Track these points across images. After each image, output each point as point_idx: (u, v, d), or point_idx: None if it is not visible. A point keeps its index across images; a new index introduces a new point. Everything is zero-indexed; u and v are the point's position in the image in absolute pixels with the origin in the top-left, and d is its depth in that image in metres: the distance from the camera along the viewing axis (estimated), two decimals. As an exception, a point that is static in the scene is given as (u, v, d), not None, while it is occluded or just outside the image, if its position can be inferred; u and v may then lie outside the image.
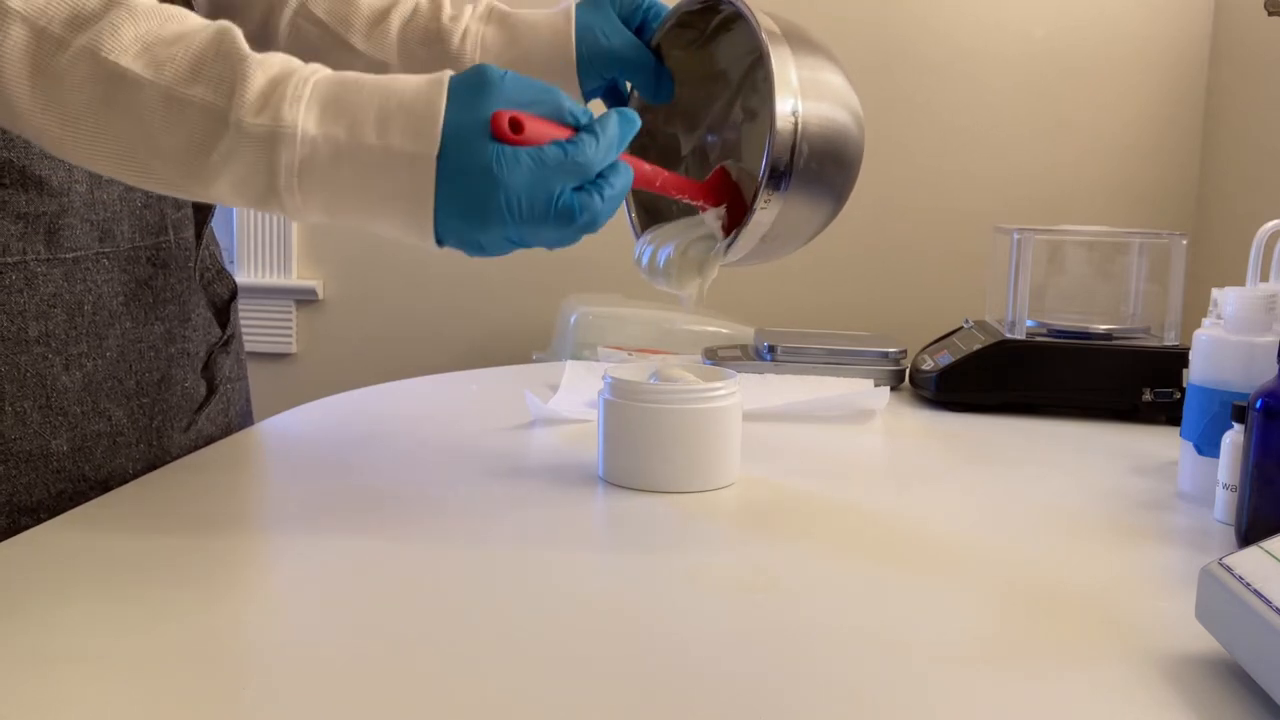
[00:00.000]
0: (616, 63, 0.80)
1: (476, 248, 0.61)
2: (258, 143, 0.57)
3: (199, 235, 0.83)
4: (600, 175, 0.62)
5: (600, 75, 0.81)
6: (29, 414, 0.72)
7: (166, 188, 0.60)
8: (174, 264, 0.82)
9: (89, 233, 0.75)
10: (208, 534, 0.65)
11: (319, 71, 0.59)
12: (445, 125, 0.58)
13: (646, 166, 0.69)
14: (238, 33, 0.59)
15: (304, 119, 0.57)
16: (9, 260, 0.71)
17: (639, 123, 0.64)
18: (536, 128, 0.60)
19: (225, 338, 0.86)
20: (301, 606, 0.56)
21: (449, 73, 0.60)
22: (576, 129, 0.62)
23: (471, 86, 0.59)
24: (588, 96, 0.83)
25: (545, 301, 2.04)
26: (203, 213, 0.83)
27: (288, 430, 0.94)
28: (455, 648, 0.51)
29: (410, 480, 0.78)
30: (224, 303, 0.86)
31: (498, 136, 0.58)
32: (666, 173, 0.71)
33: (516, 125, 0.59)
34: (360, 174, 0.58)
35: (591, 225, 0.61)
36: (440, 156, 0.58)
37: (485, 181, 0.58)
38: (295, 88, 0.58)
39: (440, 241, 0.61)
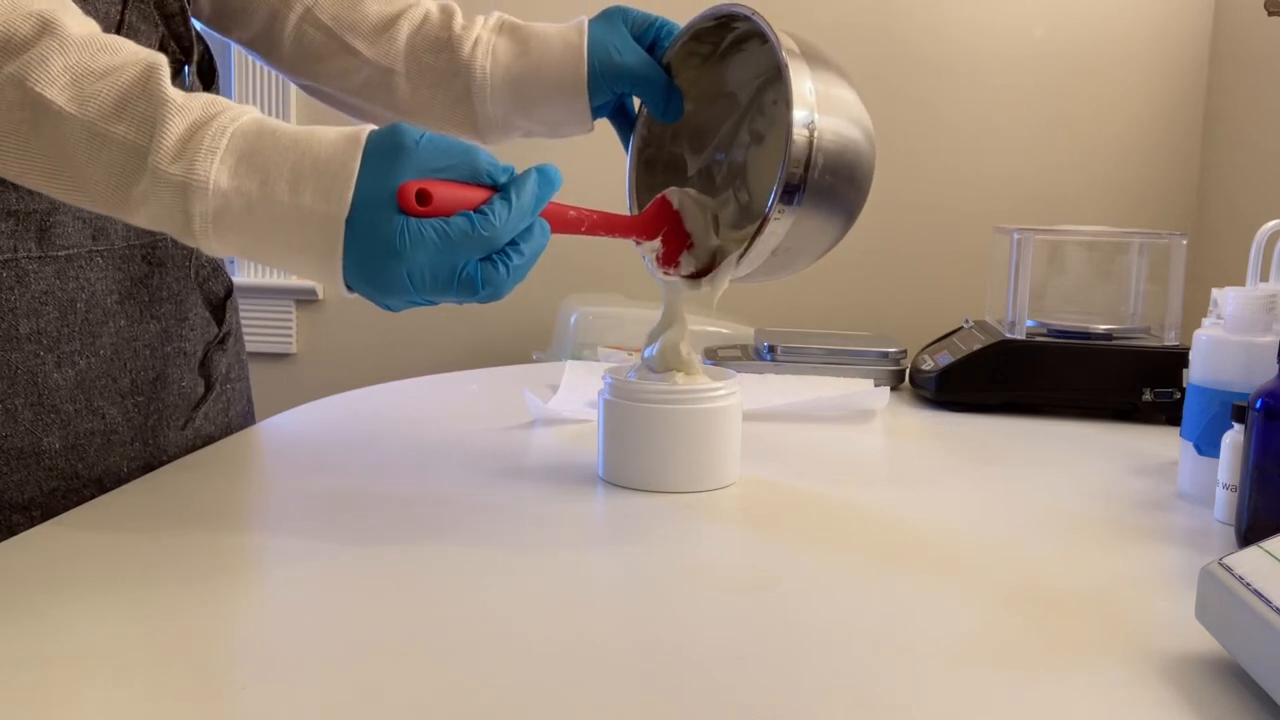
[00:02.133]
0: (628, 78, 0.80)
1: (383, 305, 0.62)
2: (173, 190, 0.58)
3: None
4: (512, 241, 0.62)
5: (610, 90, 0.81)
6: (20, 411, 0.72)
7: (95, 209, 0.61)
8: (170, 263, 0.82)
9: (82, 230, 0.75)
10: (206, 534, 0.65)
11: (239, 119, 0.60)
12: (356, 190, 0.58)
13: (571, 213, 0.68)
14: (164, 71, 0.60)
15: (216, 173, 0.58)
16: (0, 257, 0.71)
17: (559, 183, 0.64)
18: (446, 197, 0.59)
19: (221, 335, 0.86)
20: (300, 606, 0.56)
21: (368, 129, 0.60)
22: (495, 188, 0.62)
23: (386, 151, 0.59)
24: (597, 112, 0.83)
25: (545, 301, 2.04)
26: None
27: (287, 430, 0.94)
28: (454, 647, 0.51)
29: (409, 480, 0.78)
30: (219, 300, 0.87)
31: (404, 209, 0.59)
32: (595, 214, 0.70)
33: (424, 197, 0.59)
34: (273, 227, 0.59)
35: (494, 296, 0.62)
36: (349, 221, 0.59)
37: (388, 254, 0.59)
38: (212, 138, 0.58)
39: (351, 290, 0.62)
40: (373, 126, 0.61)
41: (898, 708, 0.46)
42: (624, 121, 0.85)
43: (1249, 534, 0.66)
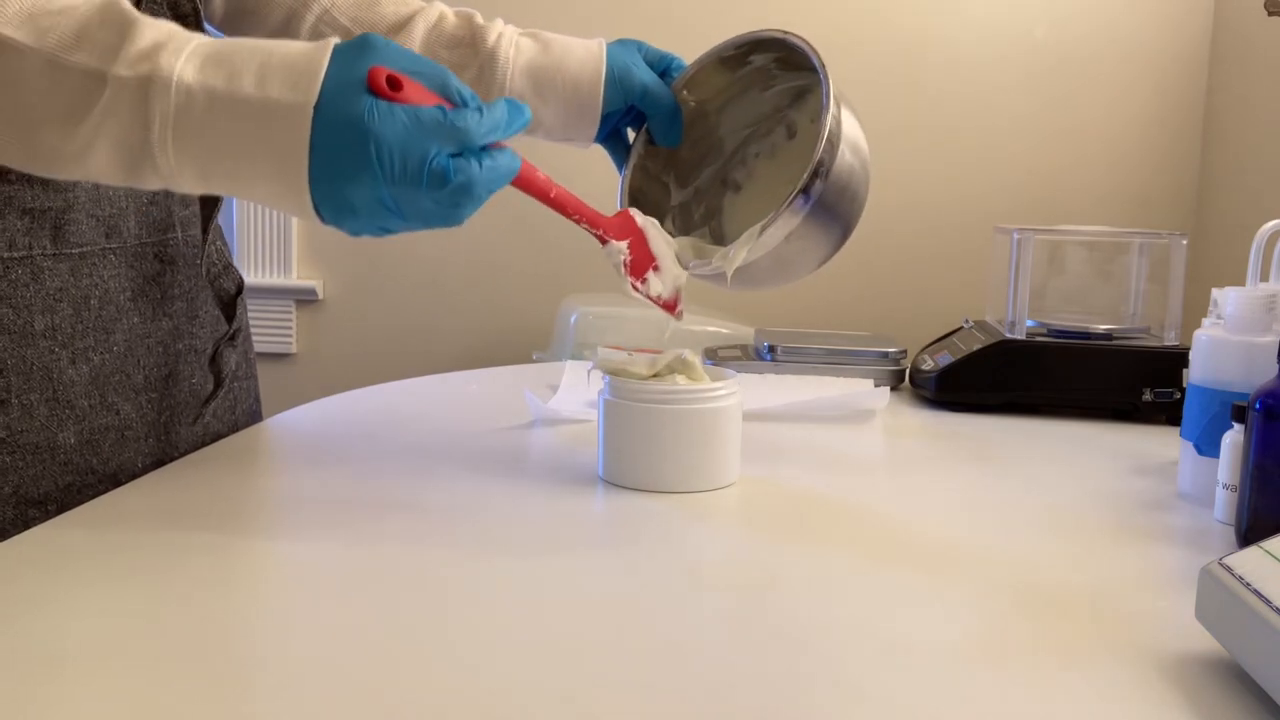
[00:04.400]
0: (639, 91, 0.83)
1: (349, 211, 0.59)
2: (133, 93, 0.57)
3: (205, 230, 0.84)
4: (485, 149, 0.61)
5: (623, 99, 0.83)
6: (36, 406, 0.73)
7: (50, 163, 0.60)
8: (181, 261, 0.83)
9: (95, 228, 0.76)
10: (207, 534, 0.65)
11: (206, 35, 0.60)
12: (325, 80, 0.57)
13: (540, 174, 0.68)
14: (124, 1, 0.59)
15: (182, 68, 0.57)
16: (15, 255, 0.72)
17: (529, 115, 0.63)
18: (417, 91, 0.59)
19: (231, 332, 0.87)
20: (302, 605, 0.56)
21: (335, 39, 0.60)
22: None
23: (355, 49, 0.59)
24: (604, 121, 0.85)
25: (545, 301, 2.04)
26: (209, 208, 0.84)
27: (287, 430, 0.94)
28: (455, 647, 0.51)
29: (409, 480, 0.78)
30: (230, 297, 0.88)
31: (374, 89, 0.57)
32: (563, 188, 0.70)
33: (395, 83, 0.58)
34: (235, 126, 0.57)
35: (466, 191, 0.59)
36: (317, 109, 0.57)
37: (357, 133, 0.57)
38: (179, 43, 0.58)
39: (317, 208, 0.59)
40: (339, 39, 0.61)
41: (898, 708, 0.46)
42: (619, 147, 0.88)
43: (1249, 534, 0.66)
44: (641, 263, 0.77)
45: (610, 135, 0.87)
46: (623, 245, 0.75)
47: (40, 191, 0.72)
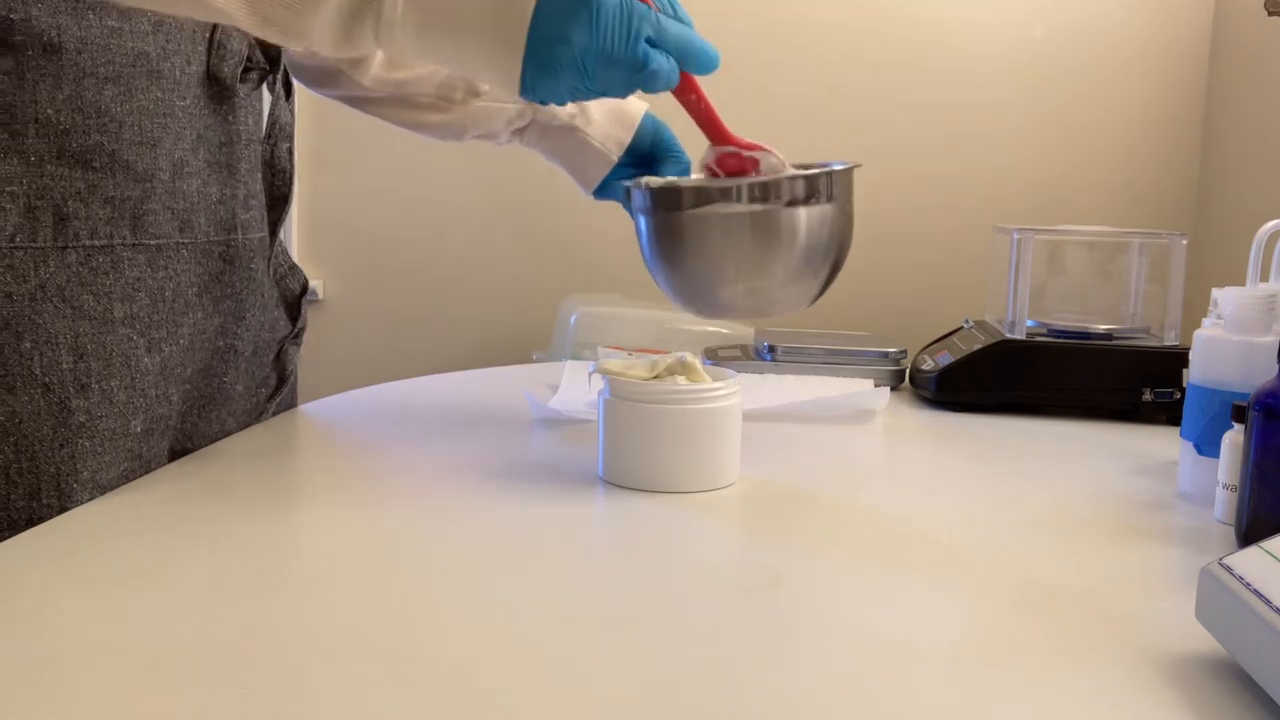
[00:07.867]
0: (669, 140, 0.92)
1: (552, 72, 0.64)
2: None
3: (274, 231, 0.86)
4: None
5: (652, 138, 0.92)
6: (115, 393, 0.74)
7: (270, 22, 0.62)
8: (239, 262, 0.85)
9: (170, 221, 0.78)
10: (205, 537, 0.65)
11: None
12: None
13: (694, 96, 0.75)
14: None
15: None
16: (97, 243, 0.73)
17: (716, 61, 0.70)
18: None
19: (297, 330, 0.88)
20: (300, 605, 0.56)
21: None
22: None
23: None
24: (632, 145, 0.92)
25: (545, 301, 2.04)
26: (276, 211, 0.85)
27: (286, 430, 0.94)
28: (454, 647, 0.51)
29: (408, 479, 0.78)
30: (294, 297, 0.90)
31: None
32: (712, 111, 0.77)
33: None
34: None
35: (655, 77, 0.65)
36: None
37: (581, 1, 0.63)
38: None
39: (523, 68, 0.63)
40: None
41: (898, 708, 0.46)
42: (617, 185, 0.94)
43: (1249, 534, 0.66)
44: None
45: (613, 181, 0.94)
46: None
47: (122, 180, 0.74)
